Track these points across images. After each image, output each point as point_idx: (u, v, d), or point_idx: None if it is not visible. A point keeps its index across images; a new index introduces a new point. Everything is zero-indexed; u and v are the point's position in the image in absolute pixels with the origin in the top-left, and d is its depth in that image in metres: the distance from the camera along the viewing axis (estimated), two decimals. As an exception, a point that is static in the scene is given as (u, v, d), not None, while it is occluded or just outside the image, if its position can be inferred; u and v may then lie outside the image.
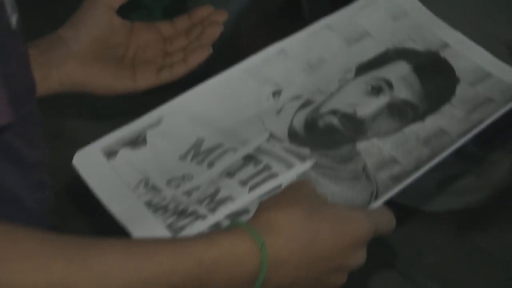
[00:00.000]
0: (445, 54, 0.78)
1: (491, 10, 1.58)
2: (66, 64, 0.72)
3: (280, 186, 0.67)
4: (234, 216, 0.65)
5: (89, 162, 0.67)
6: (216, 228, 0.64)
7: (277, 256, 0.57)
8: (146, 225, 0.64)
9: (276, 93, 0.75)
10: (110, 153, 0.69)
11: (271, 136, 0.72)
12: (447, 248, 1.77)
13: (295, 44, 0.77)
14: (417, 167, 0.68)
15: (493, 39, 1.56)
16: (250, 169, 0.68)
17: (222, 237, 0.57)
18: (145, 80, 0.75)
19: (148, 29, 0.78)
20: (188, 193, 0.67)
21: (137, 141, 0.70)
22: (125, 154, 0.69)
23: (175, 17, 0.81)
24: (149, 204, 0.66)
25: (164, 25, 0.79)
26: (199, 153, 0.70)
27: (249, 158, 0.69)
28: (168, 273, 0.53)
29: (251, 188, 0.67)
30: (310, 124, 0.73)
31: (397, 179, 0.68)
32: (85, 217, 0.65)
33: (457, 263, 1.75)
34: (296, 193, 0.61)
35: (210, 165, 0.69)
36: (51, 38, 0.75)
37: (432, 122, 0.73)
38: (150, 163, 0.69)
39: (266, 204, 0.61)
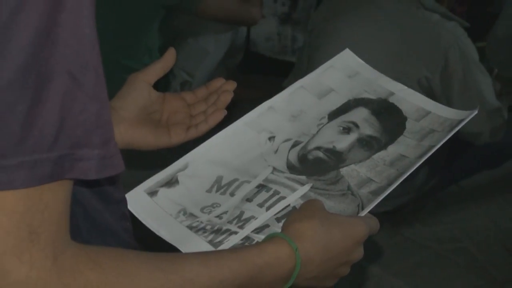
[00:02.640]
0: (393, 100, 0.80)
1: (401, 55, 1.61)
2: (118, 127, 0.73)
3: (289, 205, 0.69)
4: (258, 230, 0.67)
5: (137, 201, 0.68)
6: (246, 241, 0.66)
7: (306, 256, 0.60)
8: (191, 243, 0.65)
9: (271, 138, 0.76)
10: (152, 193, 0.70)
11: (274, 169, 0.73)
12: (384, 240, 1.81)
13: (280, 101, 0.79)
14: (389, 183, 0.71)
15: (407, 78, 1.60)
16: (263, 195, 0.70)
17: (268, 245, 0.59)
18: (177, 137, 0.76)
19: (176, 98, 0.80)
20: (219, 216, 0.68)
21: (171, 182, 0.71)
22: (163, 192, 0.70)
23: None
24: (190, 227, 0.67)
25: (188, 94, 0.80)
26: (221, 186, 0.71)
27: (261, 187, 0.71)
28: (235, 276, 0.55)
29: (267, 208, 0.69)
30: (302, 159, 0.75)
31: (375, 193, 0.70)
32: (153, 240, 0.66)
33: (391, 251, 1.78)
34: (312, 208, 0.64)
35: (232, 194, 0.70)
36: None
37: (393, 150, 0.75)
38: (184, 197, 0.70)
39: (292, 218, 0.63)
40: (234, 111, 0.83)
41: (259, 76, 2.33)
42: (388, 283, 1.67)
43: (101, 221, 0.59)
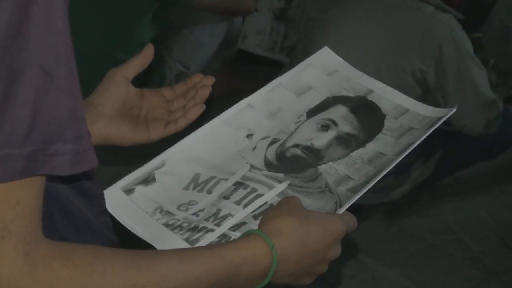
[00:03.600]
0: (371, 97, 0.80)
1: (395, 47, 1.61)
2: (97, 123, 0.73)
3: (266, 203, 0.69)
4: (235, 228, 0.67)
5: (113, 199, 0.68)
6: (223, 238, 0.66)
7: (283, 253, 0.60)
8: (168, 241, 0.66)
9: (249, 136, 0.77)
10: (129, 191, 0.70)
11: (252, 167, 0.73)
12: (379, 232, 1.81)
13: (258, 98, 0.79)
14: (367, 181, 0.71)
15: (401, 70, 1.59)
16: (241, 192, 0.70)
17: (245, 242, 0.60)
18: (156, 133, 0.77)
19: (154, 94, 0.80)
20: (196, 214, 0.68)
21: (148, 180, 0.71)
22: (140, 190, 0.70)
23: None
24: (166, 225, 0.67)
25: (167, 90, 0.81)
26: (198, 184, 0.71)
27: (238, 184, 0.71)
28: (211, 273, 0.56)
29: (245, 206, 0.69)
30: (280, 156, 0.75)
31: (353, 191, 0.71)
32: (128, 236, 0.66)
33: (386, 243, 1.78)
34: (289, 205, 0.64)
35: (209, 192, 0.71)
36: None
37: (371, 147, 0.75)
38: (161, 195, 0.70)
39: (269, 215, 0.63)
40: (213, 106, 0.84)
41: (255, 67, 2.33)
42: (382, 274, 1.68)
43: (80, 216, 0.59)
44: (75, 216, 0.58)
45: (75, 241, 0.51)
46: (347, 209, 0.69)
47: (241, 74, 2.26)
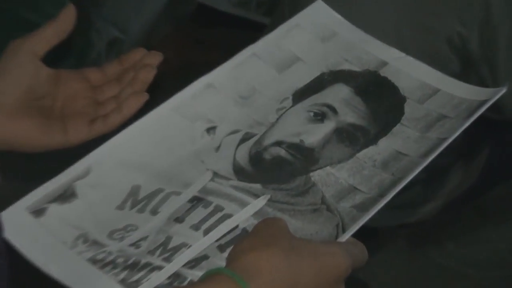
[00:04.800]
0: (386, 72, 0.82)
1: (423, 3, 1.62)
2: None
3: (237, 227, 0.70)
4: (193, 264, 0.68)
5: (15, 223, 0.68)
6: (175, 280, 0.67)
7: None
8: (95, 284, 0.66)
9: (211, 130, 0.78)
10: (38, 211, 0.70)
11: (216, 175, 0.74)
12: (402, 265, 1.82)
13: (222, 76, 0.81)
14: (381, 194, 0.72)
15: (433, 35, 1.60)
16: (200, 212, 0.71)
17: (208, 286, 0.60)
18: (77, 133, 0.77)
19: (75, 77, 0.80)
20: (136, 244, 0.69)
21: (65, 195, 0.72)
22: (55, 210, 0.70)
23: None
24: (93, 260, 0.67)
25: (93, 72, 0.81)
26: (138, 201, 0.72)
27: (196, 201, 0.72)
28: None
29: (206, 232, 0.70)
30: (255, 158, 0.76)
31: (361, 208, 0.72)
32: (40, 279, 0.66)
33: (413, 281, 1.80)
34: (270, 231, 0.65)
35: (154, 212, 0.71)
36: None
37: (386, 145, 0.77)
38: (85, 217, 0.70)
39: (242, 246, 0.63)
40: (161, 89, 0.84)
41: (221, 30, 2.33)
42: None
43: None
44: None
45: None
46: (353, 235, 0.70)
47: (201, 41, 2.26)
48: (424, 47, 1.55)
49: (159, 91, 0.84)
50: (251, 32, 1.75)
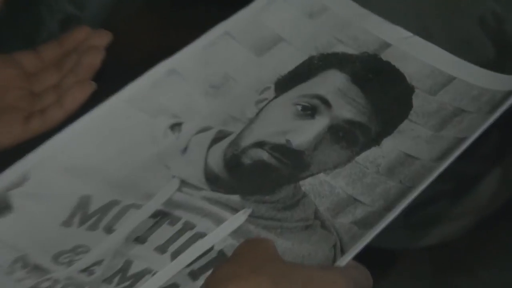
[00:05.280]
0: (389, 56, 0.84)
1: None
2: None
3: (212, 248, 0.70)
4: None
5: None
6: None
7: None
8: None
9: (176, 126, 0.79)
10: None
11: (183, 183, 0.75)
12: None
13: (188, 60, 0.82)
14: (387, 207, 0.73)
15: (462, 15, 1.61)
16: (166, 231, 0.72)
17: None
18: (10, 132, 0.79)
19: (4, 62, 0.81)
20: (88, 270, 0.69)
21: None
22: None
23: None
24: None
25: (27, 56, 0.82)
26: (88, 215, 0.73)
27: (160, 216, 0.73)
28: None
29: (174, 255, 0.70)
30: (232, 163, 0.77)
31: (364, 224, 0.72)
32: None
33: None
34: (256, 255, 0.65)
35: (108, 230, 0.72)
36: None
37: (391, 146, 0.78)
38: (23, 235, 0.70)
39: (222, 273, 0.64)
40: (110, 83, 0.83)
41: (199, 10, 2.33)
42: None
43: None
44: None
45: None
46: (356, 258, 0.71)
47: (175, 21, 2.26)
48: (451, 30, 1.55)
49: (123, 81, 0.84)
50: (234, 11, 1.76)
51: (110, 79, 0.83)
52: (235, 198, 0.74)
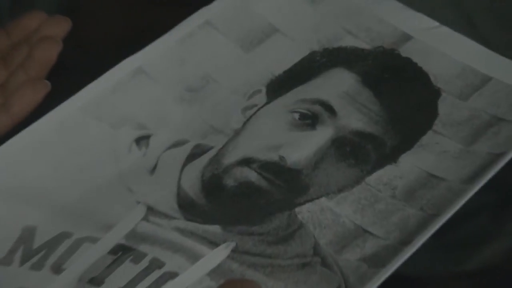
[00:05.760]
0: (409, 51, 0.83)
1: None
2: None
3: None
4: None
5: None
6: None
7: None
8: None
9: (142, 140, 0.79)
10: None
11: (151, 211, 0.75)
12: None
13: (159, 57, 0.83)
14: (405, 240, 0.73)
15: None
16: (128, 270, 0.71)
17: None
18: None
19: None
20: None
21: None
22: None
23: None
24: None
25: None
26: (32, 251, 0.72)
27: (121, 252, 0.72)
28: None
29: None
30: (212, 185, 0.77)
31: (375, 262, 0.72)
32: None
33: None
34: None
35: (57, 269, 0.71)
36: None
37: (411, 164, 0.78)
38: None
39: None
40: (69, 82, 0.83)
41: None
42: None
43: None
44: None
45: None
46: None
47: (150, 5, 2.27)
48: (502, 19, 1.55)
49: (86, 81, 0.84)
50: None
51: (69, 77, 0.86)
52: (214, 229, 0.74)
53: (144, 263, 0.72)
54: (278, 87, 0.82)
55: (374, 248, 0.73)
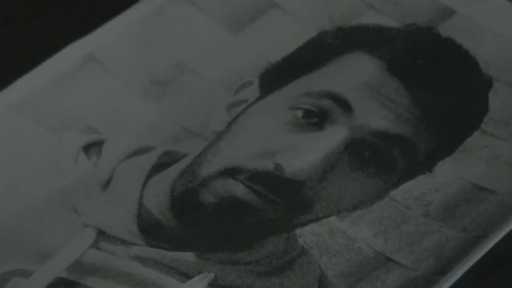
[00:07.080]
0: (450, 30, 0.79)
1: None
2: None
3: None
4: None
5: None
6: None
7: None
8: None
9: (93, 148, 0.75)
10: None
11: (102, 235, 0.70)
12: None
13: (116, 41, 0.79)
14: (441, 270, 0.67)
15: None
16: None
17: None
18: None
19: None
20: None
21: None
22: None
23: None
24: None
25: None
26: None
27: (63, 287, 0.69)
28: None
29: None
30: (185, 202, 0.72)
31: None
32: None
33: None
34: None
35: None
36: None
37: (451, 174, 0.73)
38: None
39: None
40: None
41: None
42: None
43: None
44: None
45: None
46: None
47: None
48: None
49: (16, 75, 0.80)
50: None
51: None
52: (187, 257, 0.68)
53: None
54: (275, 77, 0.77)
55: (400, 280, 0.68)
